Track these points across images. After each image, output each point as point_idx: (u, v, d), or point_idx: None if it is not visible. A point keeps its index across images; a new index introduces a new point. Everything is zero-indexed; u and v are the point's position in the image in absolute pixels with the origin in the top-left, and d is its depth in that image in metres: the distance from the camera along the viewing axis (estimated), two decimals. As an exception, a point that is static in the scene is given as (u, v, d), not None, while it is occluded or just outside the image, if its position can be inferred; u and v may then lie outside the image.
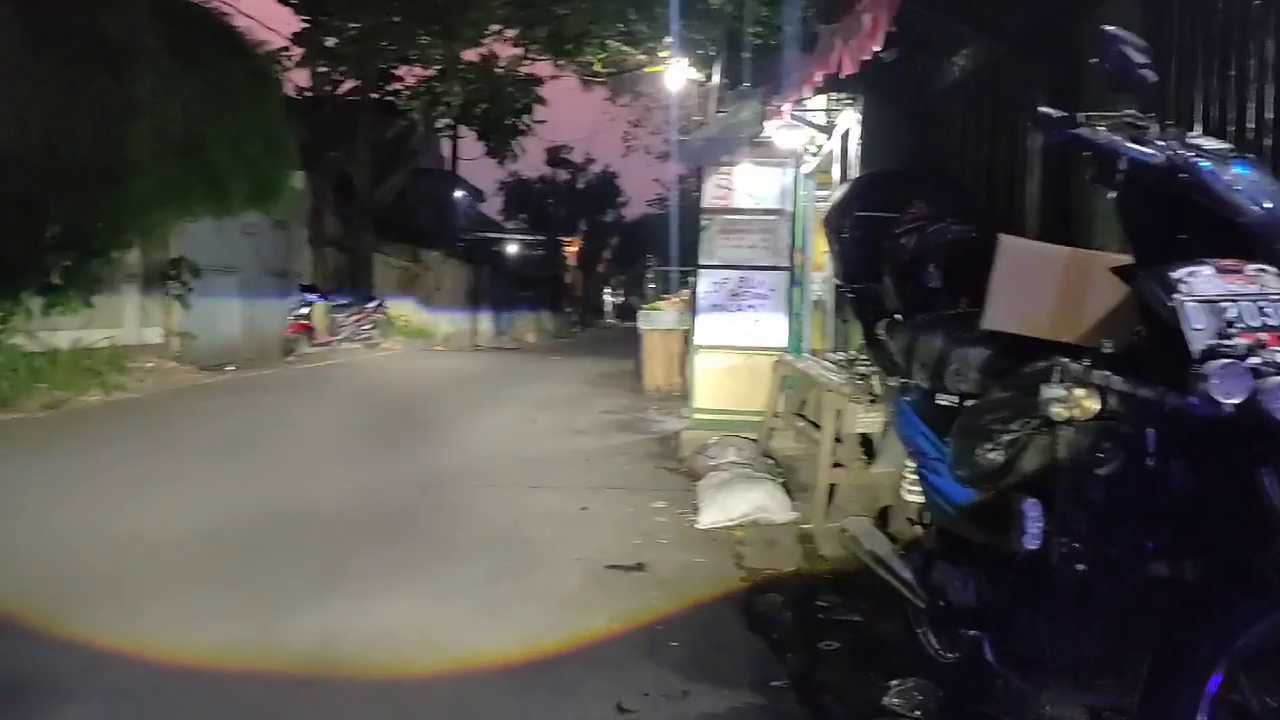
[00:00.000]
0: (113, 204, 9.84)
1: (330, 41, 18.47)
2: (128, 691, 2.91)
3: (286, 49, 18.47)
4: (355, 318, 18.67)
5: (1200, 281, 1.91)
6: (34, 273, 9.98)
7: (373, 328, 18.89)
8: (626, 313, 50.30)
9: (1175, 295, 1.90)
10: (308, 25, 18.60)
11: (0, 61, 7.94)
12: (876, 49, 4.17)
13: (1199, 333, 1.87)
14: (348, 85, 20.78)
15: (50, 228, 9.93)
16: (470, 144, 27.23)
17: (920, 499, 2.87)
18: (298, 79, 19.87)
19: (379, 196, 22.00)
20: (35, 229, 9.74)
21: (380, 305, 19.63)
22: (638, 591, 3.97)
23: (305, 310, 17.18)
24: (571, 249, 45.82)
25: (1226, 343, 1.85)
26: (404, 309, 22.69)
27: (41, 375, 9.58)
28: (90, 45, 9.19)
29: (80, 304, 10.65)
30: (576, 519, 5.22)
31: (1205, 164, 1.99)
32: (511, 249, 40.58)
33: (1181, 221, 2.00)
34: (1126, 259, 2.16)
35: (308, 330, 17.20)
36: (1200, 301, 1.89)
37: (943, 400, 2.72)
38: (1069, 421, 2.05)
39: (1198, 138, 2.08)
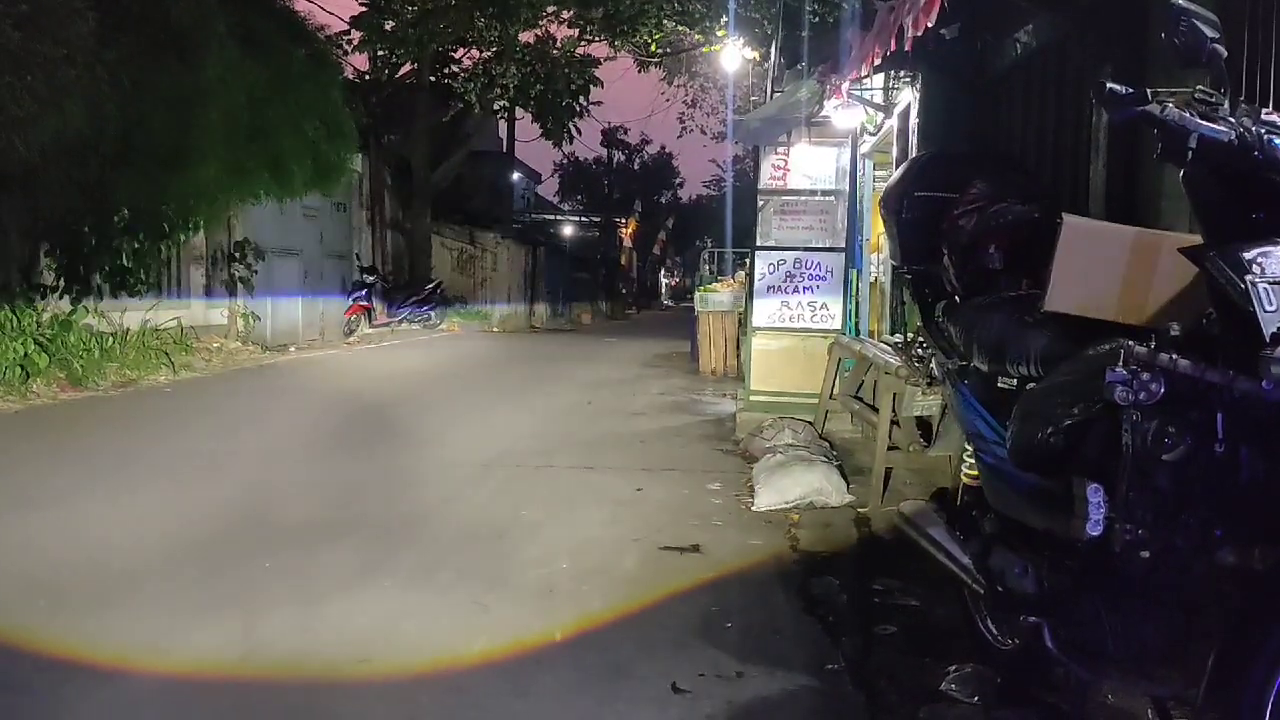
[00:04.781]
0: (180, 188, 10.06)
1: (388, 25, 18.60)
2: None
3: (346, 33, 18.68)
4: (413, 299, 18.89)
5: (1273, 262, 1.85)
6: (105, 255, 10.27)
7: (430, 309, 19.09)
8: (682, 294, 50.29)
9: (1247, 276, 1.84)
10: (366, 9, 18.76)
11: (76, 50, 8.13)
12: (931, 24, 4.08)
13: (1271, 315, 1.81)
14: (405, 68, 20.96)
15: (120, 211, 10.20)
16: (526, 126, 27.35)
17: (978, 483, 2.83)
18: (356, 63, 20.11)
19: (436, 179, 22.17)
20: (106, 213, 10.00)
21: (438, 286, 19.83)
22: (693, 573, 3.98)
23: (364, 291, 17.42)
24: (627, 230, 45.81)
25: (1300, 325, 1.79)
26: (461, 290, 22.90)
27: (112, 355, 9.87)
28: (162, 32, 9.38)
29: (149, 286, 10.93)
30: (632, 500, 5.24)
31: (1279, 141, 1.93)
32: (567, 230, 40.68)
33: (1254, 200, 1.94)
34: (1196, 239, 2.11)
35: (367, 311, 17.45)
36: (1273, 283, 1.84)
37: (1002, 383, 2.68)
38: (1133, 405, 2.01)
39: (1271, 114, 2.01)
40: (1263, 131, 1.95)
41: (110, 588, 3.63)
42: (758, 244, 8.06)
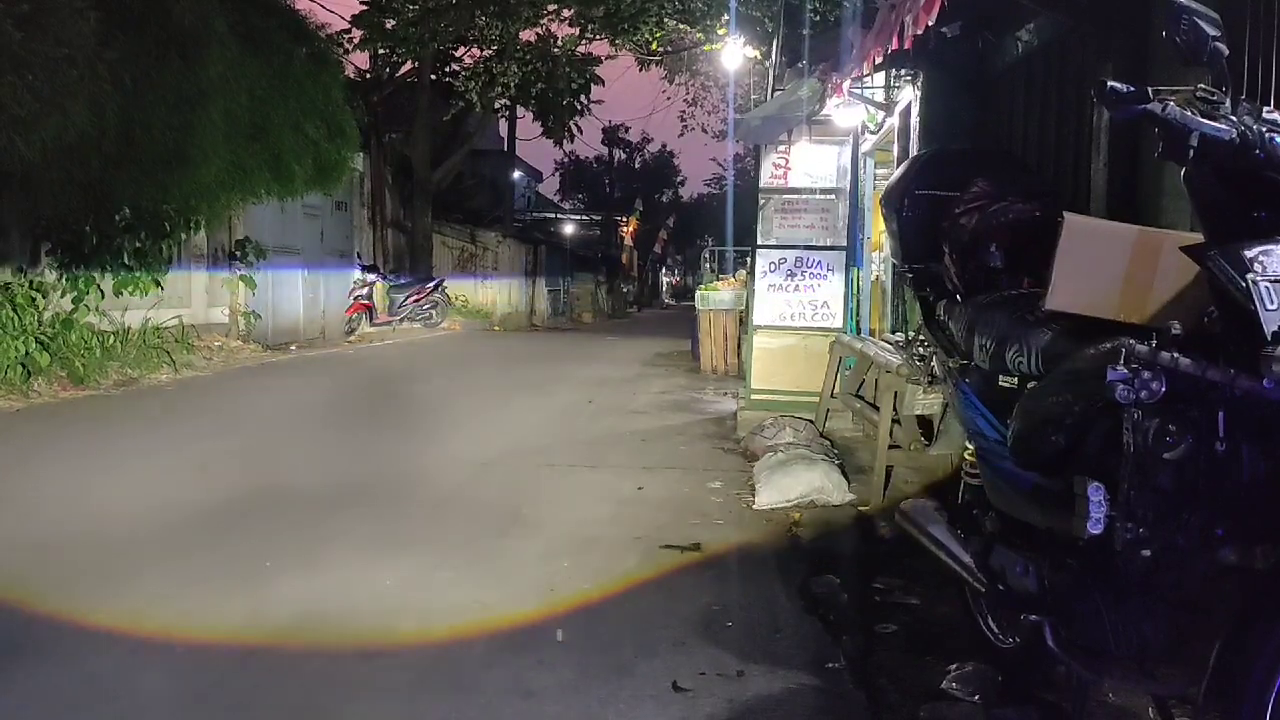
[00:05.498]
0: (181, 186, 10.06)
1: (389, 23, 18.61)
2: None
3: (347, 31, 18.68)
4: (414, 298, 18.88)
5: (1275, 260, 1.85)
6: (106, 254, 10.27)
7: (431, 308, 19.08)
8: (683, 293, 50.30)
9: (1249, 275, 1.84)
10: (367, 7, 18.77)
11: (77, 49, 8.14)
12: (931, 22, 4.08)
13: (1272, 313, 1.81)
14: (406, 67, 20.96)
15: (121, 210, 10.20)
16: (527, 124, 27.38)
17: (979, 481, 2.83)
18: (357, 61, 20.13)
19: (437, 177, 22.19)
20: (107, 211, 10.00)
21: (439, 285, 19.83)
22: (694, 571, 3.98)
23: (365, 290, 17.42)
24: (628, 229, 45.81)
25: (1302, 324, 1.79)
26: (462, 289, 22.91)
27: (114, 354, 9.88)
28: (163, 32, 9.38)
29: (150, 284, 10.94)
30: (633, 499, 5.24)
31: (1281, 139, 1.93)
32: (568, 229, 40.67)
33: (1256, 199, 1.94)
34: (1197, 238, 2.10)
35: (368, 310, 17.45)
36: (1275, 281, 1.83)
37: (1004, 382, 2.68)
38: (1135, 404, 2.01)
39: (1273, 113, 2.01)
40: (1264, 130, 1.94)
41: (111, 587, 3.63)
42: (759, 242, 8.06)
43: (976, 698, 2.74)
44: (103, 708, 2.71)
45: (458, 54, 21.41)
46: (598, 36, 20.05)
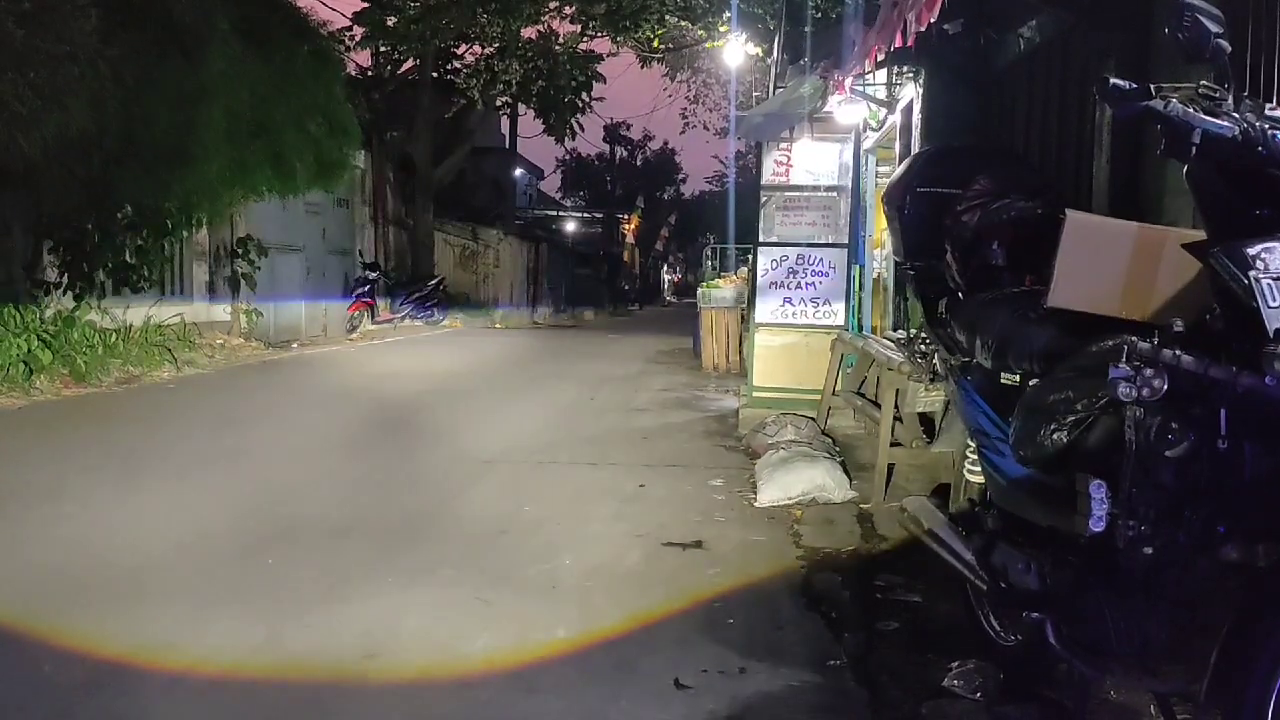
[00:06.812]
0: (183, 184, 10.07)
1: (390, 20, 18.60)
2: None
3: (348, 29, 18.68)
4: (416, 295, 18.90)
5: (1277, 258, 1.85)
6: (108, 251, 10.27)
7: (433, 305, 19.10)
8: (685, 291, 50.30)
9: (1251, 272, 1.84)
10: (368, 4, 18.77)
11: (78, 47, 8.15)
12: (933, 19, 4.08)
13: (1275, 311, 1.81)
14: (408, 64, 20.96)
15: (123, 208, 10.20)
16: (529, 122, 27.38)
17: (981, 479, 2.83)
18: (359, 59, 20.14)
19: (439, 175, 22.19)
20: (109, 209, 10.01)
21: (441, 283, 19.84)
22: (696, 569, 3.98)
23: (367, 288, 17.43)
24: (630, 226, 45.81)
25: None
26: (464, 286, 22.93)
27: (116, 351, 9.88)
28: (164, 29, 9.39)
29: (152, 282, 10.94)
30: (635, 496, 5.24)
31: (1284, 136, 1.93)
32: (570, 226, 40.69)
33: (1258, 196, 1.94)
34: (1199, 235, 2.10)
35: (370, 307, 17.46)
36: (1277, 279, 1.83)
37: (1006, 379, 2.68)
38: (1136, 402, 2.01)
39: (1275, 110, 2.00)
40: (1266, 127, 1.94)
41: (115, 584, 3.64)
42: (760, 240, 8.05)
43: (978, 695, 2.74)
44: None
45: (459, 51, 21.41)
46: (599, 34, 20.05)
